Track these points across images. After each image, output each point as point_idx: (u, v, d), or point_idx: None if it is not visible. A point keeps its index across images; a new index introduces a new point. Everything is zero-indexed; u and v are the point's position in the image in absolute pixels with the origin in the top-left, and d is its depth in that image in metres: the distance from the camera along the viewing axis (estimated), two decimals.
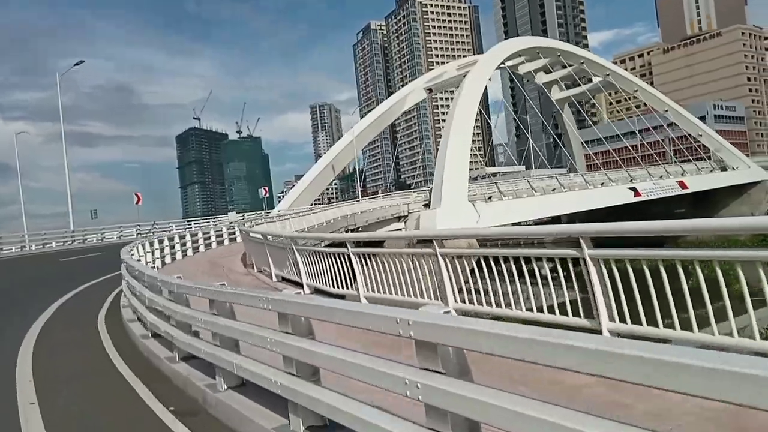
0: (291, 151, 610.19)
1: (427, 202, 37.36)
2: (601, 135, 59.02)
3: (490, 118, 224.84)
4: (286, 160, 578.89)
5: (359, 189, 79.62)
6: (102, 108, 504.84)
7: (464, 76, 43.51)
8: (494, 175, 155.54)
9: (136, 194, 38.52)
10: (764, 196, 52.91)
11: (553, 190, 42.13)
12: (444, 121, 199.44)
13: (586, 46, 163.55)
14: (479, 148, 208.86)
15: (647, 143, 62.21)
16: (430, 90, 52.81)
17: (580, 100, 60.68)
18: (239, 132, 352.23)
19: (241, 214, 44.16)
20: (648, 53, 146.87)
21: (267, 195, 52.60)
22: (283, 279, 12.31)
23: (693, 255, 4.01)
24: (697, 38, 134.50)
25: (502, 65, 48.48)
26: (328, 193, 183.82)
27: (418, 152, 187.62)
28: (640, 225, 4.31)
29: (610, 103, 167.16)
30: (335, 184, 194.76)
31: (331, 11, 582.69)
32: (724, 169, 55.62)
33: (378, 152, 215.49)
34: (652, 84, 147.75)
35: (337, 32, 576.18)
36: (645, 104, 63.37)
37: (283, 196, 69.97)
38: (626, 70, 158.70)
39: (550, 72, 56.63)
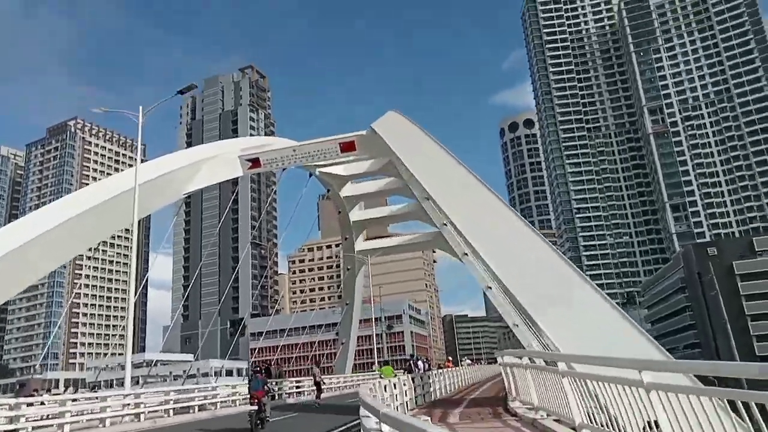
0: None
1: None
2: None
3: (147, 293, 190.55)
4: None
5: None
6: None
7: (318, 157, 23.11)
8: (155, 363, 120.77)
9: None
10: None
11: None
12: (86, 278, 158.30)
13: (275, 236, 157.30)
14: (122, 327, 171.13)
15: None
16: (254, 162, 29.39)
17: (369, 225, 45.89)
18: None
19: None
20: (337, 245, 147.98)
21: None
22: None
23: None
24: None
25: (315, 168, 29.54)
26: None
27: (40, 323, 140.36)
28: None
29: (294, 292, 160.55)
30: None
31: None
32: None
33: None
34: (339, 276, 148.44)
35: None
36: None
37: None
38: (314, 260, 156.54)
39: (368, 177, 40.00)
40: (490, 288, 51.40)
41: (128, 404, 18.12)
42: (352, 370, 53.84)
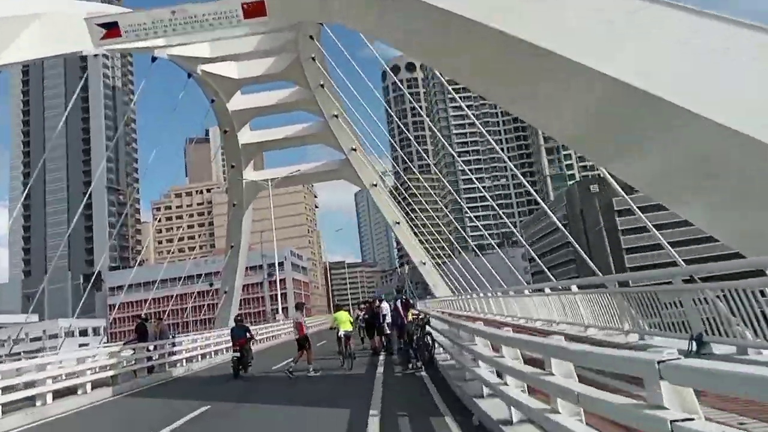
0: None
1: None
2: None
3: None
4: None
5: None
6: None
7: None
8: None
9: None
10: None
11: None
12: None
13: (136, 180, 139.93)
14: None
15: None
16: (111, 29, 19.30)
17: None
18: None
19: None
20: (208, 191, 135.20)
21: None
22: None
23: None
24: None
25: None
26: None
27: None
28: None
29: (160, 242, 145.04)
30: None
31: None
32: None
33: None
34: (212, 223, 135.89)
35: None
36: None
37: None
38: (183, 206, 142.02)
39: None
40: (398, 223, 46.13)
41: None
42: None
